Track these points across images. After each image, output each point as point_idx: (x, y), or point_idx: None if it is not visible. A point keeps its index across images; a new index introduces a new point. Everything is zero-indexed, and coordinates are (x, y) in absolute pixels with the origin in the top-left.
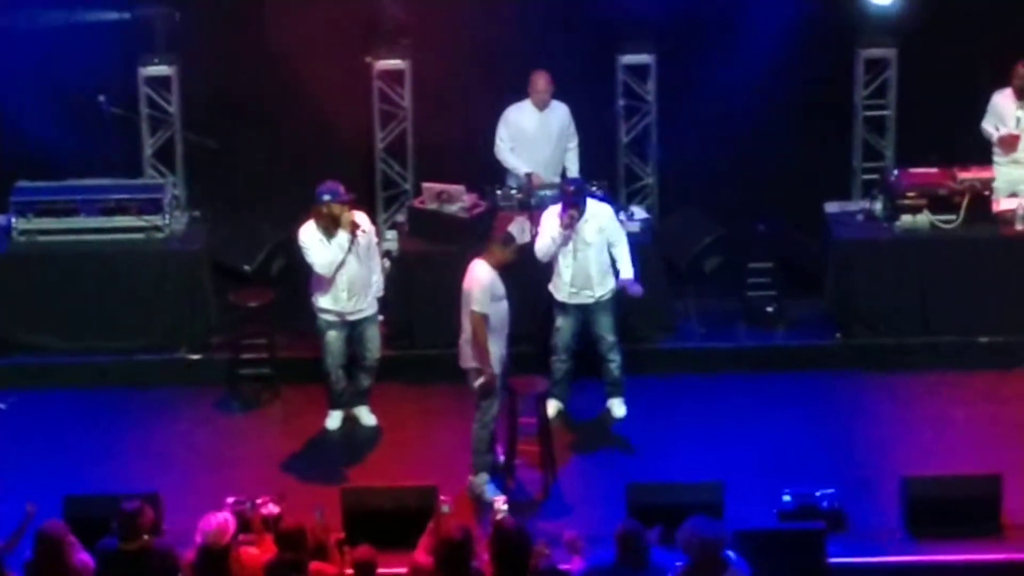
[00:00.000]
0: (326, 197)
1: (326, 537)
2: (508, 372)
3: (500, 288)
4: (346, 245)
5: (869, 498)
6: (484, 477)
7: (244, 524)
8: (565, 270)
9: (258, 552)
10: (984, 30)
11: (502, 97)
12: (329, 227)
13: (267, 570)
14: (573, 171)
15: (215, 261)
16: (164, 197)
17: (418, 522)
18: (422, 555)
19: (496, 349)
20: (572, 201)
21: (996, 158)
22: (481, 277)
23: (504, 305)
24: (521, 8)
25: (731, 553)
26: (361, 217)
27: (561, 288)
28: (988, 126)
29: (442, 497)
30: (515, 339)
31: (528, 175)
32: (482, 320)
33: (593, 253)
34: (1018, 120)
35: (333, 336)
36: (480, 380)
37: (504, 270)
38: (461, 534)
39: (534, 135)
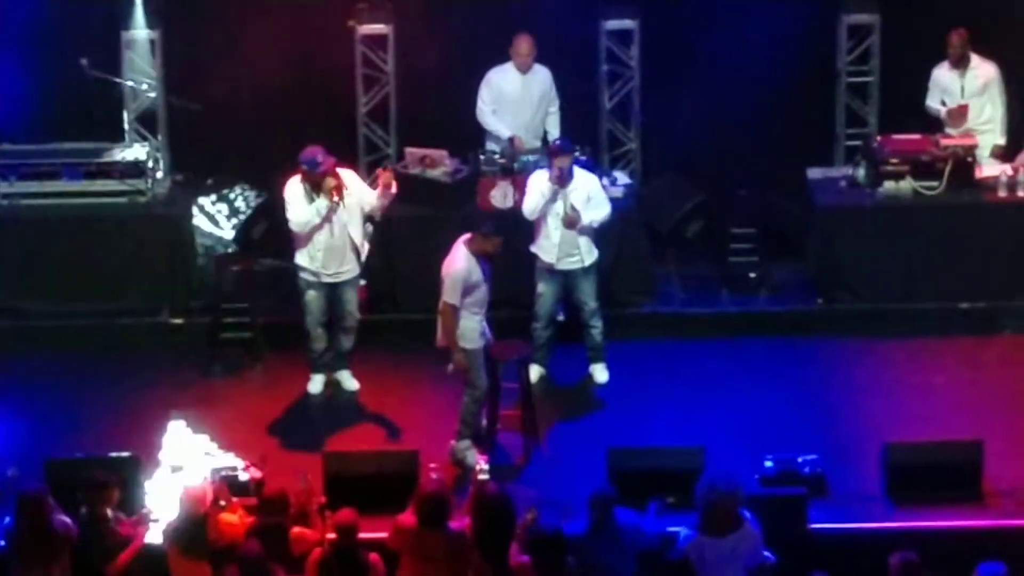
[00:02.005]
0: (303, 168)
1: (310, 503)
2: (490, 343)
3: (477, 274)
4: (323, 211)
5: (851, 464)
6: (467, 443)
7: (220, 491)
8: (554, 232)
9: (235, 519)
10: None
11: (485, 61)
12: (313, 188)
13: (248, 535)
14: (555, 135)
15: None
16: (147, 161)
17: (400, 486)
18: (406, 517)
19: (476, 325)
20: (557, 150)
21: (949, 132)
22: (456, 267)
23: (484, 288)
24: None
25: (747, 513)
26: (349, 176)
27: (549, 250)
28: (933, 103)
29: (431, 465)
30: (498, 303)
31: (511, 139)
32: (451, 309)
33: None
34: (962, 89)
35: (312, 296)
36: (450, 366)
37: (484, 257)
38: (436, 486)
39: (516, 98)
